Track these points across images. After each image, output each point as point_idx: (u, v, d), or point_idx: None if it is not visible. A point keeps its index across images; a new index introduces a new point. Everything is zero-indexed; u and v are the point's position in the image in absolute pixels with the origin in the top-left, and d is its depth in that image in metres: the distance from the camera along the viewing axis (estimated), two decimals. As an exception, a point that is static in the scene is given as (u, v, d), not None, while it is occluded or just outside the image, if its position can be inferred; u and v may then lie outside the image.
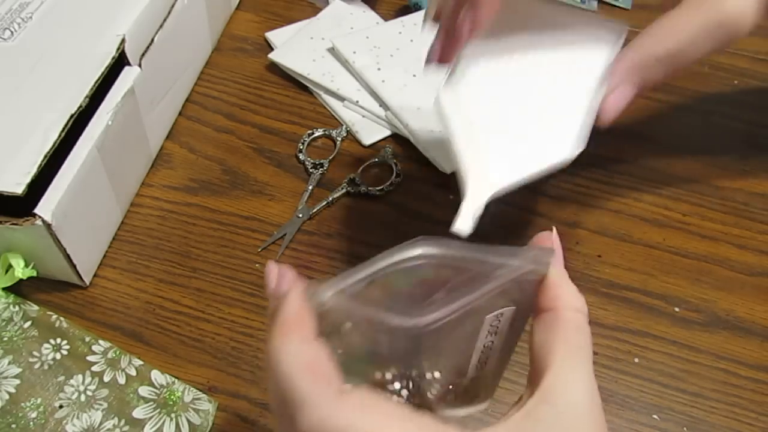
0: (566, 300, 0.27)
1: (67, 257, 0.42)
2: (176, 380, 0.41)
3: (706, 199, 0.52)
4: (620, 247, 0.49)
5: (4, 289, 0.43)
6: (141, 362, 0.42)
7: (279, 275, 0.28)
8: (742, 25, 0.39)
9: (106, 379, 0.41)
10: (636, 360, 0.44)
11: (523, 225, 0.50)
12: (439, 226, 0.32)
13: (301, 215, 0.50)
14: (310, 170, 0.53)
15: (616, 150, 0.55)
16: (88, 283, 0.46)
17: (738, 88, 0.61)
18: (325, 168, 0.53)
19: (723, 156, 0.55)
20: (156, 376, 0.41)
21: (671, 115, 0.58)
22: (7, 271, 0.43)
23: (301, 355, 0.25)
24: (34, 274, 0.43)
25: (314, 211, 0.50)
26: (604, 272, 0.48)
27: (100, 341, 0.42)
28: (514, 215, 0.50)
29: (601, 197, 0.52)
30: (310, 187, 0.52)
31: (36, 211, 0.39)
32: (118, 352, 0.42)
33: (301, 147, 0.54)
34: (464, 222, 0.32)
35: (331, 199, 0.51)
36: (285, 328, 0.26)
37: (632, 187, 0.52)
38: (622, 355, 0.44)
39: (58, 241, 0.41)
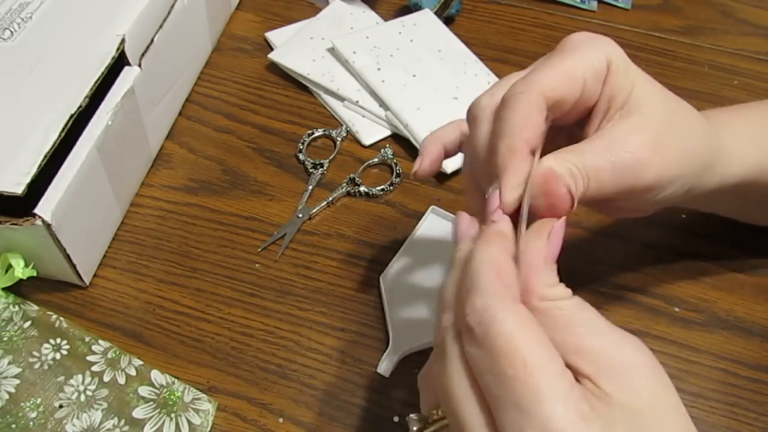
0: None
1: (67, 257, 0.42)
2: (176, 380, 0.41)
3: (706, 199, 0.52)
4: (620, 247, 0.49)
5: (4, 289, 0.43)
6: (141, 362, 0.42)
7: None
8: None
9: (106, 379, 0.41)
10: (636, 360, 0.44)
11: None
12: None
13: (301, 215, 0.50)
14: (310, 170, 0.53)
15: (616, 150, 0.55)
16: (88, 283, 0.46)
17: (738, 88, 0.61)
18: (325, 168, 0.53)
19: (723, 156, 0.55)
20: (156, 376, 0.41)
21: (671, 115, 0.58)
22: (7, 271, 0.43)
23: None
24: (34, 274, 0.43)
25: (314, 211, 0.50)
26: (604, 272, 0.48)
27: (100, 341, 0.42)
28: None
29: (601, 197, 0.52)
30: (310, 187, 0.52)
31: (36, 211, 0.39)
32: (117, 352, 0.42)
33: (301, 147, 0.54)
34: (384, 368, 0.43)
35: (331, 199, 0.51)
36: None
37: (632, 187, 0.52)
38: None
39: (58, 241, 0.41)
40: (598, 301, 0.46)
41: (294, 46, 0.60)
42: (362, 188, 0.52)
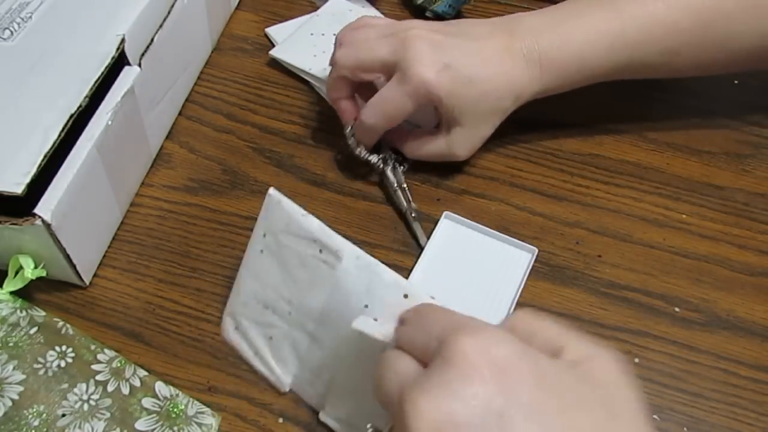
0: None
1: (67, 257, 0.42)
2: (180, 393, 0.41)
3: (706, 199, 0.52)
4: (620, 247, 0.49)
5: (11, 292, 0.43)
6: (146, 373, 0.41)
7: None
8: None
9: (110, 388, 0.40)
10: (636, 360, 0.44)
11: (523, 224, 0.50)
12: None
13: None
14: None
15: (616, 150, 0.55)
16: (88, 283, 0.46)
17: (738, 88, 0.61)
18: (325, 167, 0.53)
19: (723, 156, 0.55)
20: (160, 387, 0.41)
21: (672, 115, 0.58)
22: (16, 274, 0.42)
23: None
24: (44, 274, 0.42)
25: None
26: (604, 272, 0.48)
27: (106, 350, 0.42)
28: (514, 214, 0.50)
29: (601, 197, 0.52)
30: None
31: (36, 211, 0.39)
32: (122, 362, 0.41)
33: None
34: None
35: (331, 198, 0.51)
36: None
37: (632, 187, 0.52)
38: (622, 355, 0.44)
39: (58, 241, 0.41)
40: (598, 301, 0.46)
41: (294, 43, 0.60)
42: (362, 187, 0.52)
